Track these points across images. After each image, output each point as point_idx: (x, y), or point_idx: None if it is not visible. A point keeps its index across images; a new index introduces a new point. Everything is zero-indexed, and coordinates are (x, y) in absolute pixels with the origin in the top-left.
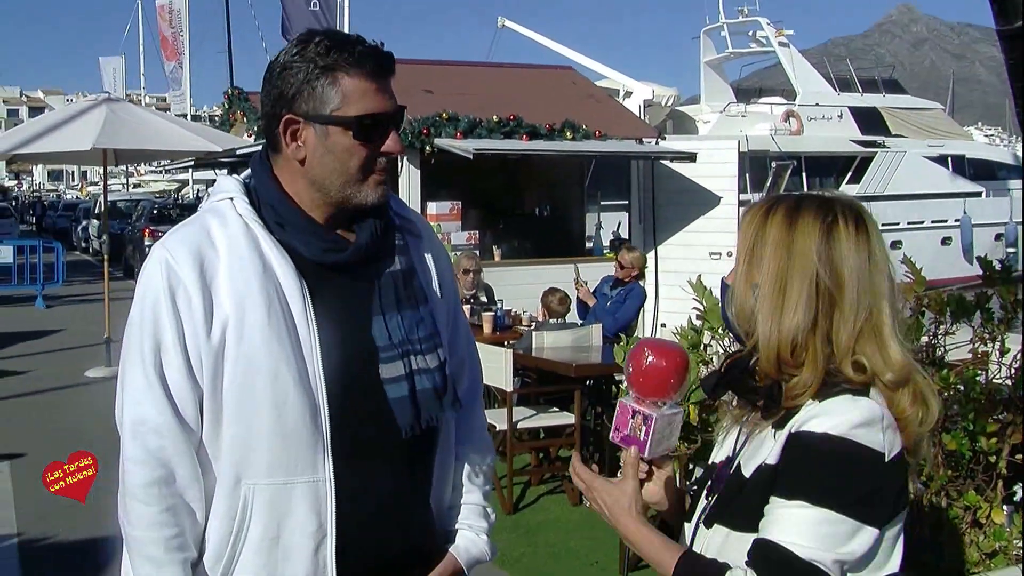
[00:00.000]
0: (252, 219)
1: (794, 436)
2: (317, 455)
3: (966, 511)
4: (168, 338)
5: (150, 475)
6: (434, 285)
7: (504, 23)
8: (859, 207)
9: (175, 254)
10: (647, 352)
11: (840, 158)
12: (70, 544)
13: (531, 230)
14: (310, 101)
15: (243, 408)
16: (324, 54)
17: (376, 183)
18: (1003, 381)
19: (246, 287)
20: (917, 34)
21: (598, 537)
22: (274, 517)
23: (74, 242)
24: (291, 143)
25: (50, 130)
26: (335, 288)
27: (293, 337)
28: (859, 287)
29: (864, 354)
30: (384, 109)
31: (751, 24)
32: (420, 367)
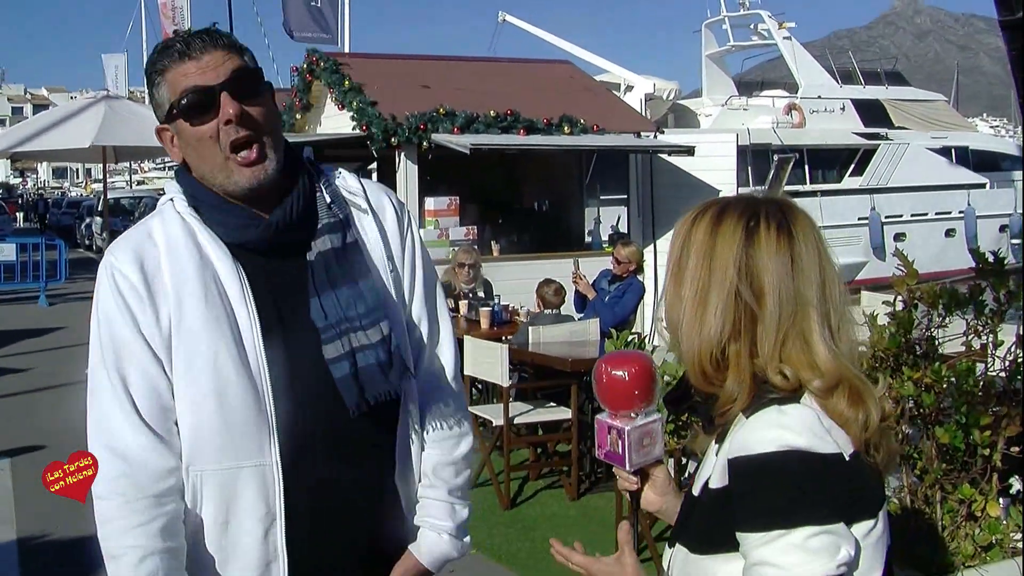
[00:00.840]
0: (188, 213)
1: (734, 463)
2: (263, 439)
3: (961, 504)
4: (126, 333)
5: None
6: (378, 257)
7: (505, 18)
8: (787, 207)
9: (118, 256)
10: (607, 368)
11: (843, 151)
12: (70, 541)
13: (530, 225)
14: (159, 108)
15: (188, 396)
16: (151, 62)
17: (241, 165)
18: (997, 373)
19: (183, 277)
20: (921, 25)
21: (596, 532)
22: (223, 502)
23: (78, 239)
24: (172, 149)
25: (50, 128)
26: (267, 272)
27: (232, 323)
28: (781, 295)
29: (791, 361)
30: (202, 83)
31: (753, 17)
32: (362, 343)
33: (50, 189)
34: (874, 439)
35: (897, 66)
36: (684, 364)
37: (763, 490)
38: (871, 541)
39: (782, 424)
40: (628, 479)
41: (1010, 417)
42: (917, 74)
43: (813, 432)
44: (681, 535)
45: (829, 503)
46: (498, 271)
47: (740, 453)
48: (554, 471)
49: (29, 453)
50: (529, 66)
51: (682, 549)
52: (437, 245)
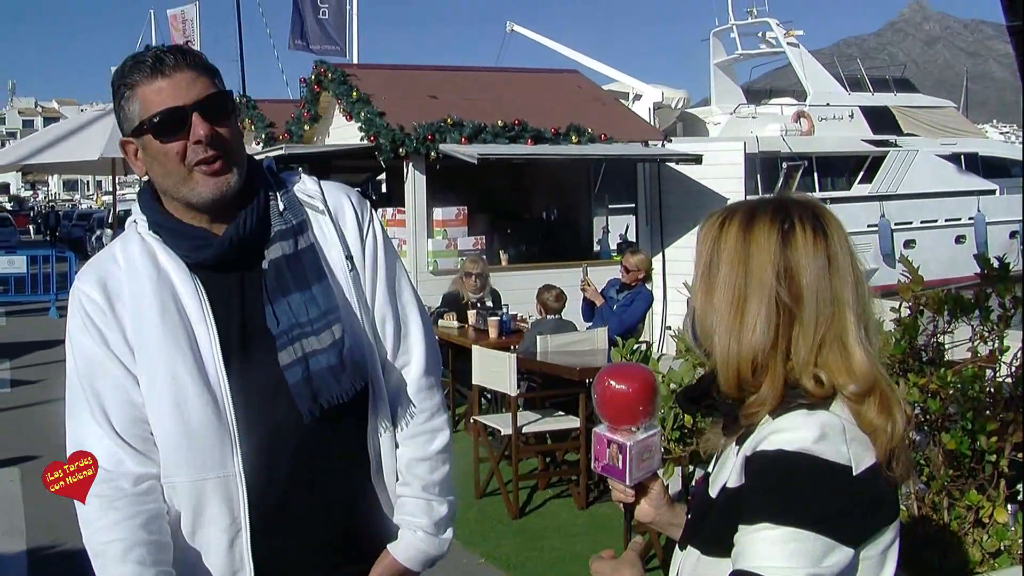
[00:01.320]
0: (148, 234)
1: (750, 459)
2: (225, 451)
3: (968, 510)
4: (95, 350)
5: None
6: (335, 259)
7: (513, 28)
8: (817, 208)
9: (83, 280)
10: (610, 381)
11: (852, 158)
12: (79, 552)
13: (538, 234)
14: (126, 121)
15: (153, 410)
16: (120, 75)
17: (205, 176)
18: (1003, 379)
19: (141, 294)
20: (930, 32)
21: (604, 542)
22: (190, 512)
23: (88, 251)
24: (135, 162)
25: (59, 140)
26: (224, 286)
27: (190, 338)
28: (819, 297)
29: (827, 366)
30: (177, 102)
31: (760, 25)
32: (314, 348)
33: (61, 201)
34: (897, 450)
35: (906, 73)
36: (719, 371)
37: (763, 482)
38: (874, 552)
39: (807, 426)
40: (625, 492)
41: (1017, 423)
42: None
43: (831, 440)
44: (694, 537)
45: (822, 513)
46: (507, 281)
47: (757, 448)
48: (563, 480)
49: (40, 464)
50: (537, 76)
51: (695, 552)
52: (445, 255)
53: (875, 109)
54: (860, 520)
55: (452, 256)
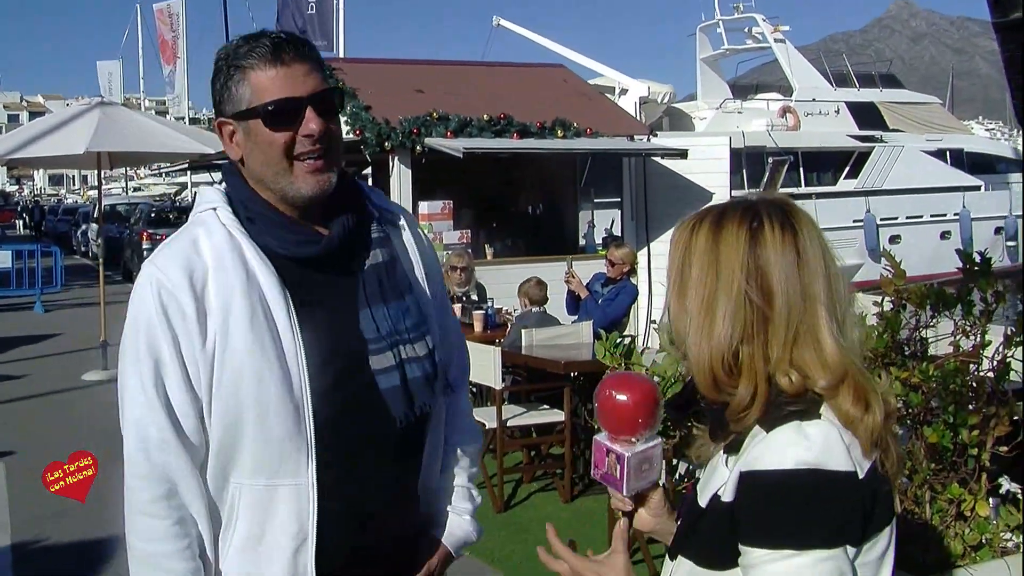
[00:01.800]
0: (235, 228)
1: (748, 477)
2: (300, 458)
3: (950, 504)
4: (165, 354)
5: (157, 490)
6: (418, 274)
7: (499, 22)
8: (787, 205)
9: (165, 271)
10: (611, 391)
11: (838, 153)
12: (64, 546)
13: (524, 228)
14: (230, 103)
15: (229, 412)
16: (234, 54)
17: (307, 171)
18: (985, 373)
19: (230, 297)
20: (916, 29)
21: (589, 534)
22: (257, 518)
23: (74, 246)
24: (230, 145)
25: (44, 134)
26: (318, 286)
27: (277, 345)
28: (789, 293)
29: (801, 361)
30: (293, 93)
31: (747, 20)
32: (409, 356)
33: (46, 196)
34: (882, 443)
35: (892, 69)
36: (694, 374)
37: (774, 506)
38: (872, 558)
39: (800, 441)
40: (624, 501)
41: (998, 417)
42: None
43: (831, 450)
44: (684, 547)
45: (840, 525)
46: (492, 274)
47: (753, 467)
48: (547, 474)
49: (25, 459)
50: (523, 70)
51: (686, 562)
52: None
53: (861, 105)
54: (866, 523)
55: (438, 250)
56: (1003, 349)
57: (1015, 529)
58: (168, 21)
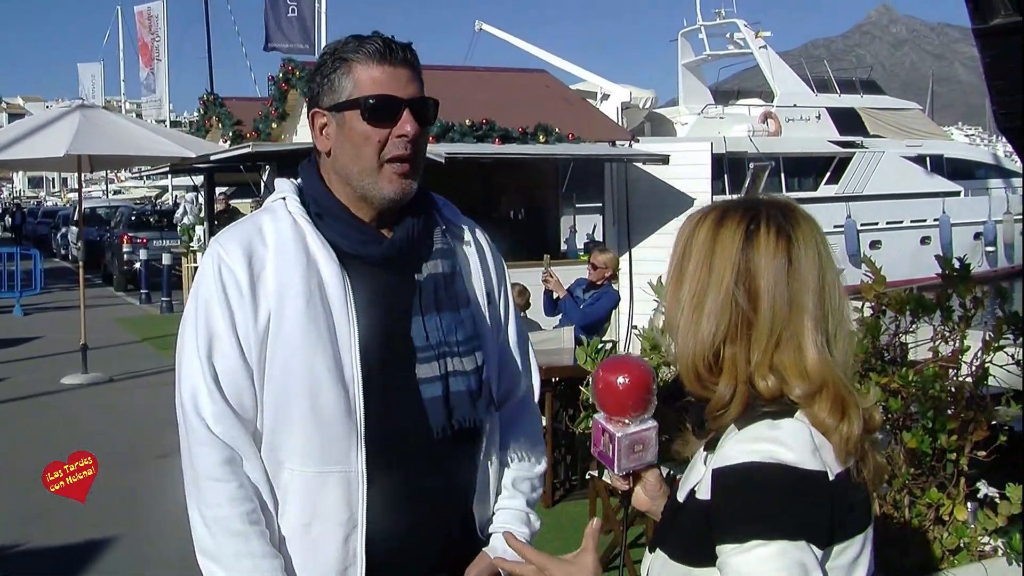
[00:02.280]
0: (301, 215)
1: (719, 473)
2: (351, 447)
3: (929, 508)
4: (220, 327)
5: (220, 455)
6: (479, 289)
7: (482, 27)
8: (787, 210)
9: (227, 248)
10: (604, 373)
11: (818, 159)
12: (47, 548)
13: (506, 233)
14: (329, 94)
15: (279, 395)
16: (343, 49)
17: (394, 175)
18: (964, 379)
19: (289, 279)
20: (897, 35)
21: (570, 539)
22: (308, 504)
23: (53, 249)
24: (319, 136)
25: (24, 137)
26: (376, 285)
27: (331, 330)
28: (776, 299)
29: (782, 366)
30: (395, 93)
31: (728, 26)
32: (456, 369)
33: (26, 198)
34: (859, 453)
35: (872, 75)
36: (679, 365)
37: (743, 499)
38: (843, 562)
39: (771, 437)
40: (617, 480)
41: (977, 422)
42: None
43: (802, 447)
44: (662, 541)
45: (805, 521)
46: None
47: (724, 463)
48: None
49: (4, 462)
50: (505, 75)
51: (662, 555)
52: None
53: (842, 111)
54: (833, 524)
55: None
56: (982, 354)
57: (993, 533)
58: (148, 23)
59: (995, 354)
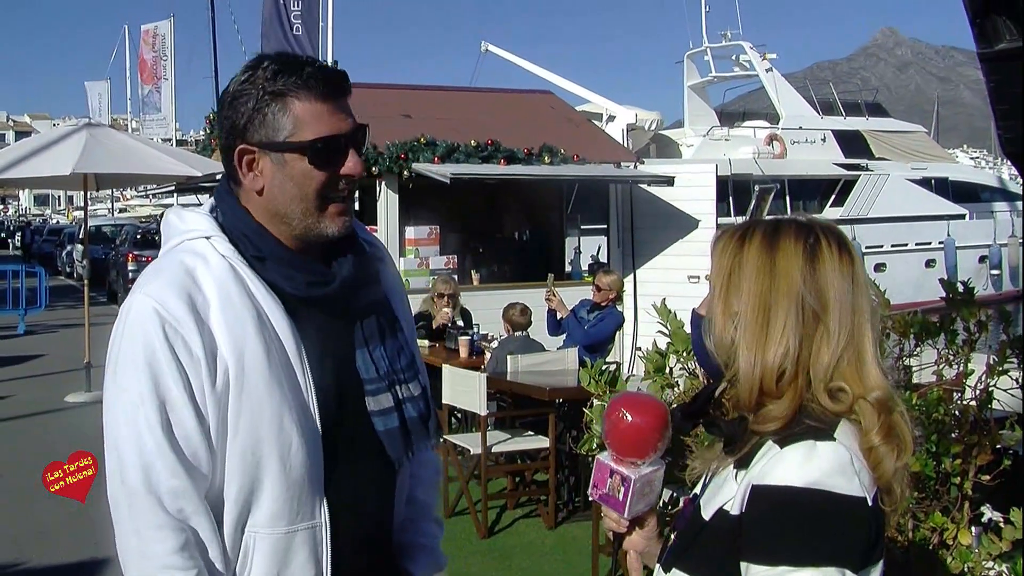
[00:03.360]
0: (237, 260)
1: (757, 491)
2: (315, 499)
3: (933, 532)
4: (175, 395)
5: (177, 540)
6: (402, 311)
7: (488, 48)
8: (840, 230)
9: (165, 303)
10: (624, 411)
11: (823, 181)
12: (46, 568)
13: (510, 254)
14: (262, 129)
15: (248, 459)
16: (272, 79)
17: (337, 213)
18: (968, 402)
19: (243, 335)
20: (902, 57)
21: (572, 561)
22: (274, 566)
23: (59, 267)
24: (247, 173)
25: (31, 155)
26: (318, 323)
27: (292, 383)
28: (842, 309)
29: (843, 378)
30: (339, 131)
31: (734, 48)
32: (406, 396)
33: (31, 215)
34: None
35: (878, 97)
36: (741, 381)
37: (779, 523)
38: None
39: (813, 459)
40: (618, 522)
41: (981, 446)
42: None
43: (843, 472)
44: (682, 560)
45: (842, 548)
46: (478, 300)
47: (764, 481)
48: (531, 500)
49: (6, 480)
50: (510, 96)
51: (679, 574)
52: (417, 274)
53: (847, 133)
54: (869, 550)
55: (424, 275)
56: (986, 378)
57: (997, 558)
58: (151, 42)
59: (999, 378)
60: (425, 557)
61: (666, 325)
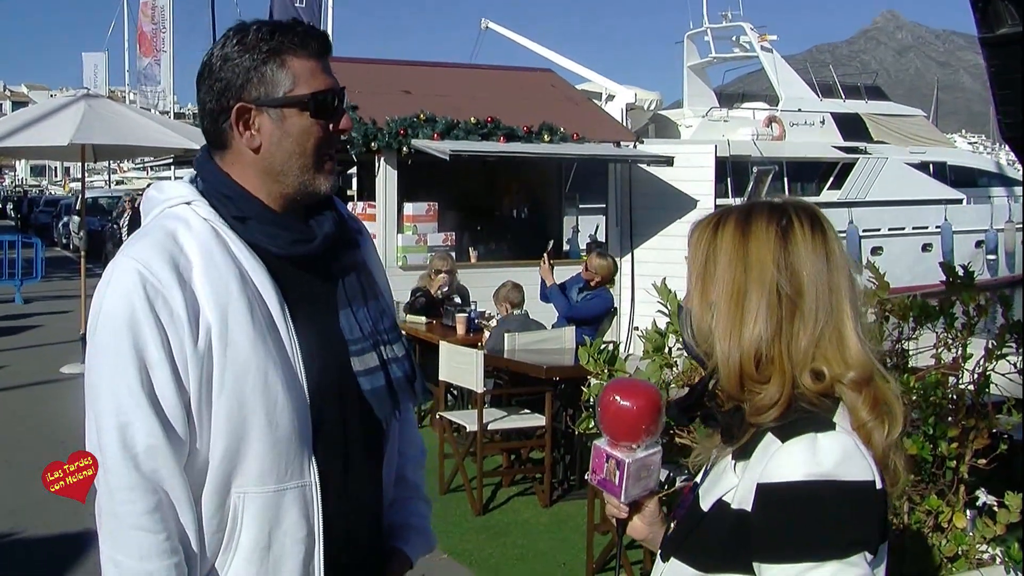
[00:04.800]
0: (219, 223)
1: (765, 489)
2: (304, 458)
3: (928, 515)
4: (153, 354)
5: (148, 501)
6: (380, 277)
7: (488, 25)
8: (813, 208)
9: (148, 264)
10: (615, 396)
11: (822, 164)
12: (42, 538)
13: (508, 232)
14: (260, 87)
15: (234, 417)
16: (268, 38)
17: (330, 171)
18: (966, 386)
19: (227, 294)
20: (902, 41)
21: (567, 539)
22: (265, 525)
23: (55, 238)
24: (244, 132)
25: (28, 125)
26: (303, 284)
27: (276, 340)
28: (818, 290)
29: (825, 358)
30: (333, 86)
31: (734, 29)
32: (391, 356)
33: (28, 186)
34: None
35: (877, 81)
36: (720, 369)
37: (793, 520)
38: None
39: (818, 452)
40: (619, 508)
41: (978, 429)
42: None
43: (851, 459)
44: (681, 550)
45: (860, 535)
46: (476, 278)
47: (772, 479)
48: (527, 478)
49: (3, 451)
50: (510, 74)
51: (683, 566)
52: (415, 251)
53: (846, 116)
54: (884, 529)
55: (422, 251)
56: (984, 362)
57: (991, 541)
58: (150, 13)
59: (997, 362)
60: (416, 537)
61: (666, 305)
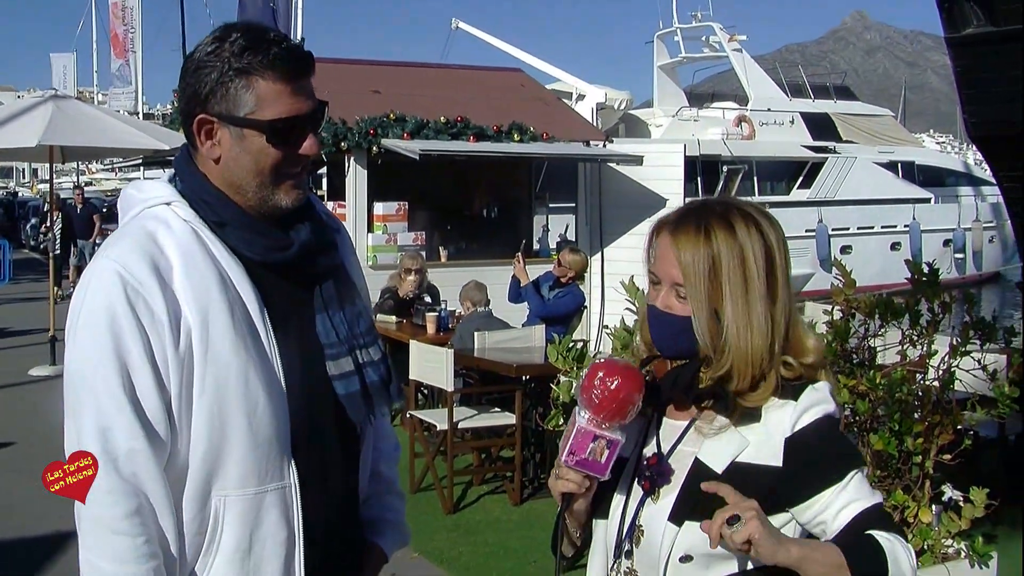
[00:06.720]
0: (198, 224)
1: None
2: (283, 460)
3: (894, 510)
4: (135, 357)
5: (128, 505)
6: (359, 282)
7: (458, 25)
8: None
9: (128, 266)
10: (606, 376)
11: (791, 163)
12: (10, 542)
13: (479, 231)
14: (223, 102)
15: (215, 420)
16: (239, 55)
17: (290, 188)
18: (931, 383)
19: (207, 297)
20: (871, 41)
21: (537, 537)
22: (246, 528)
23: (22, 240)
24: (206, 141)
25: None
26: (279, 289)
27: (257, 344)
28: (786, 282)
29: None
30: (299, 112)
31: (704, 29)
32: (366, 360)
33: None
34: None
35: (846, 81)
36: (736, 367)
37: (833, 446)
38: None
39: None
40: (579, 483)
41: (942, 425)
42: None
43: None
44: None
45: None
46: (446, 277)
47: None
48: (497, 476)
49: None
50: (480, 73)
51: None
52: (385, 250)
53: (815, 116)
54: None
55: (392, 251)
56: (948, 359)
57: (956, 536)
58: (121, 15)
59: (962, 359)
60: (391, 531)
61: (634, 303)
